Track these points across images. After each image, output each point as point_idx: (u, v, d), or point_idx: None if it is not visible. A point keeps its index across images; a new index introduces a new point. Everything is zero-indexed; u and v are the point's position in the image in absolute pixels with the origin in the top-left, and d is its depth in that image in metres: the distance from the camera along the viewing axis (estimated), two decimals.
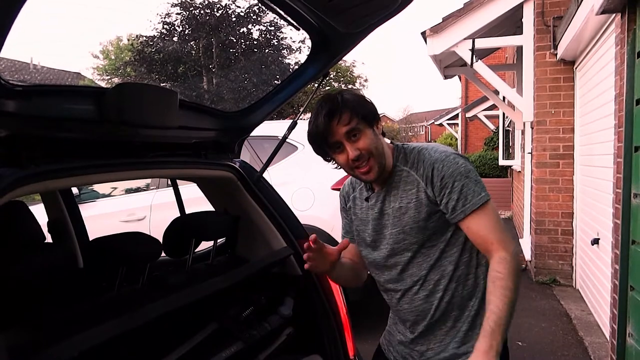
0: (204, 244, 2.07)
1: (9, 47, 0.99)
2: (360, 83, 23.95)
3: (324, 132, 1.38)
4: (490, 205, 1.38)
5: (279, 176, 3.73)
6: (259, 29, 18.39)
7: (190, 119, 1.74)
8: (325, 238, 3.64)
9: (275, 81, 16.85)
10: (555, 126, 5.33)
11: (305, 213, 3.65)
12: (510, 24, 6.41)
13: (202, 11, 17.52)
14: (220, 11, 17.56)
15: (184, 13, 17.60)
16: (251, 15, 17.74)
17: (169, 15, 17.71)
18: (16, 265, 1.31)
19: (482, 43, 5.81)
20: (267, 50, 18.45)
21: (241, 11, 17.69)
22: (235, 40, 18.00)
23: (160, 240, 1.81)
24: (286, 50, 18.96)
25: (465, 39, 5.69)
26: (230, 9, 17.67)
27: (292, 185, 3.90)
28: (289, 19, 1.65)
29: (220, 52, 17.42)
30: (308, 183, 3.93)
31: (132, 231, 1.71)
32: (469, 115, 15.55)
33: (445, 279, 1.43)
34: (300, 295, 2.02)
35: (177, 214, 2.28)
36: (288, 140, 2.03)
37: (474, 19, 5.63)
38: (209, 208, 2.23)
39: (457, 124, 21.96)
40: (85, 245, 2.59)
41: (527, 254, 5.76)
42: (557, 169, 5.35)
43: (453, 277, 1.43)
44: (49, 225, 2.59)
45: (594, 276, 4.29)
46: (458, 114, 21.40)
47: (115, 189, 5.20)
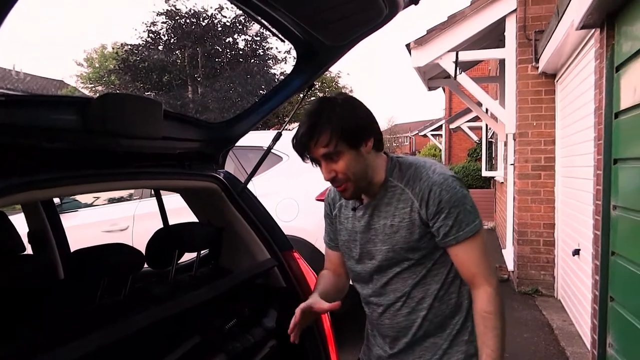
0: (188, 255, 2.06)
1: None
2: None
3: (301, 149, 1.34)
4: (481, 233, 1.36)
5: (263, 187, 3.72)
6: (245, 39, 18.40)
7: (175, 130, 1.73)
8: (309, 249, 3.63)
9: (261, 91, 16.89)
10: (537, 138, 5.42)
11: (290, 224, 3.64)
12: (493, 37, 6.52)
13: (188, 20, 17.49)
14: (206, 21, 17.55)
15: (170, 22, 17.55)
16: (237, 25, 17.75)
17: (154, 24, 17.66)
18: None
19: (466, 56, 5.90)
20: (253, 60, 18.47)
21: (227, 21, 17.71)
22: (220, 50, 17.98)
23: (143, 251, 1.79)
24: (272, 61, 19.01)
25: (449, 51, 5.77)
26: (216, 18, 17.69)
27: (276, 196, 3.89)
28: (274, 31, 1.67)
29: (205, 62, 17.39)
30: (292, 194, 3.93)
31: (115, 242, 1.69)
32: (452, 126, 15.73)
33: (429, 298, 1.41)
34: (283, 307, 2.00)
35: (161, 225, 2.26)
36: (273, 150, 2.03)
37: (457, 32, 5.72)
38: (193, 219, 2.22)
39: (441, 135, 22.19)
40: (67, 256, 2.55)
41: (510, 265, 5.81)
42: (539, 180, 5.43)
43: (437, 296, 1.41)
44: (29, 235, 2.55)
45: (575, 287, 4.35)
46: (442, 125, 21.63)
47: (97, 198, 5.14)
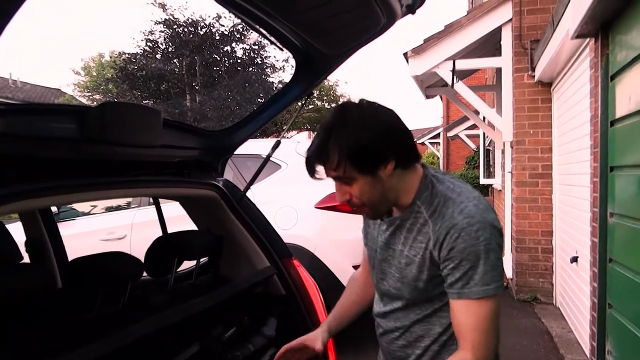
0: (187, 264, 2.06)
1: None
2: None
3: (310, 171, 1.19)
4: (492, 301, 1.16)
5: (262, 195, 3.73)
6: (243, 48, 18.47)
7: (174, 138, 1.74)
8: (308, 257, 3.63)
9: (259, 99, 16.91)
10: (534, 146, 5.44)
11: (289, 232, 3.64)
12: (489, 46, 6.57)
13: (186, 29, 17.56)
14: (204, 30, 17.62)
15: (168, 31, 17.62)
16: (235, 34, 17.83)
17: (152, 32, 17.72)
18: None
19: (463, 64, 5.94)
20: (251, 68, 18.53)
21: (225, 30, 17.78)
22: (218, 59, 18.04)
23: (142, 259, 1.79)
24: (270, 69, 19.08)
25: (446, 60, 5.81)
26: (214, 27, 17.76)
27: (275, 203, 3.89)
28: (273, 39, 1.68)
29: (203, 71, 17.44)
30: (291, 202, 3.93)
31: (114, 251, 1.69)
32: (450, 134, 15.79)
33: (429, 339, 1.29)
34: (283, 315, 2.00)
35: (159, 233, 2.25)
36: (271, 158, 2.04)
37: (454, 41, 5.76)
38: (191, 227, 2.22)
39: (439, 143, 22.25)
40: (64, 264, 2.54)
41: (509, 272, 5.82)
42: (537, 187, 5.45)
43: (438, 340, 1.28)
44: (26, 244, 2.54)
45: (573, 294, 4.35)
46: (440, 133, 21.70)
47: (95, 207, 5.13)
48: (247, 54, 18.51)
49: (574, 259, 4.11)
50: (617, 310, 2.61)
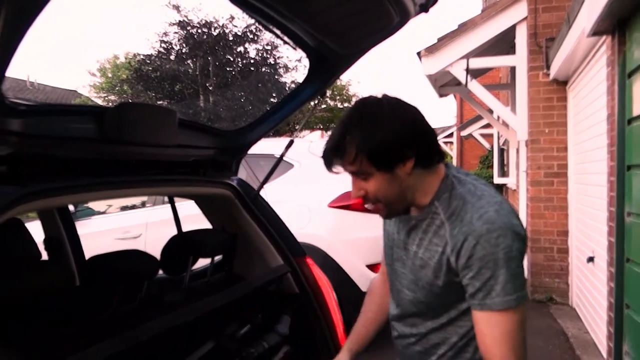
0: (201, 262, 2.08)
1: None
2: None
3: (328, 164, 1.16)
4: (516, 312, 1.09)
5: (274, 194, 3.75)
6: (256, 48, 18.54)
7: (189, 138, 1.76)
8: (321, 256, 3.64)
9: (272, 99, 16.97)
10: (549, 145, 5.39)
11: (302, 231, 3.64)
12: (503, 44, 6.52)
13: (200, 30, 17.69)
14: (217, 30, 17.74)
15: (182, 32, 17.76)
16: (248, 34, 17.92)
17: (166, 34, 17.88)
18: (14, 283, 1.31)
19: (476, 63, 5.90)
20: (264, 68, 18.60)
21: (238, 31, 17.88)
22: (232, 59, 18.14)
23: (156, 257, 1.81)
24: (283, 69, 19.13)
25: (459, 59, 5.78)
26: (227, 28, 17.86)
27: (288, 203, 3.91)
28: (286, 39, 1.69)
29: (217, 71, 17.55)
30: (304, 201, 3.94)
31: (131, 249, 1.71)
32: (464, 133, 15.68)
33: (445, 346, 1.25)
34: (297, 313, 2.01)
35: (173, 232, 2.28)
36: (284, 158, 2.05)
37: (468, 39, 5.72)
38: (203, 225, 2.24)
39: (452, 142, 22.10)
40: (82, 262, 2.58)
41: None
42: (552, 187, 5.39)
43: (454, 347, 1.24)
44: (45, 242, 2.58)
45: (590, 294, 4.30)
46: (453, 133, 21.56)
47: (110, 206, 5.20)
48: (260, 55, 18.59)
49: (591, 259, 4.06)
50: (635, 310, 2.58)
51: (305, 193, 3.97)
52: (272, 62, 18.79)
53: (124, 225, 4.68)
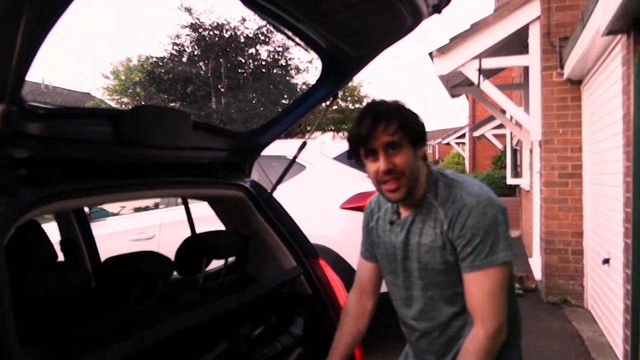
0: (214, 263, 2.09)
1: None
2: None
3: (366, 135, 1.28)
4: (499, 271, 1.27)
5: (287, 195, 3.75)
6: (268, 50, 18.58)
7: (203, 140, 1.78)
8: (333, 257, 3.64)
9: (283, 101, 17.00)
10: (563, 145, 5.33)
11: (314, 232, 3.64)
12: (516, 44, 6.47)
13: (211, 33, 17.78)
14: (229, 33, 17.81)
15: (194, 34, 17.86)
16: (260, 37, 17.97)
17: (178, 36, 17.99)
18: (31, 284, 1.33)
19: (489, 63, 5.86)
20: (276, 70, 18.64)
21: (250, 33, 17.93)
22: (244, 61, 18.21)
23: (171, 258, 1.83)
24: (294, 71, 19.15)
25: (472, 59, 5.74)
26: (239, 30, 17.92)
27: (300, 204, 3.91)
28: (299, 41, 1.69)
29: (229, 73, 17.63)
30: (316, 202, 3.95)
31: (145, 250, 1.73)
32: (476, 134, 15.56)
33: (469, 326, 1.33)
34: (310, 314, 2.02)
35: (186, 233, 2.30)
36: (296, 159, 2.06)
37: (480, 39, 5.69)
38: (216, 227, 2.25)
39: (465, 143, 21.97)
40: (97, 263, 2.62)
41: (537, 274, 5.71)
42: (566, 188, 5.34)
43: None
44: (61, 243, 2.62)
45: (605, 297, 4.25)
46: (465, 133, 21.42)
47: (124, 207, 5.25)
48: (272, 56, 18.63)
49: (606, 261, 4.01)
50: None
51: (317, 194, 3.98)
52: (284, 64, 18.83)
53: (138, 226, 4.73)
